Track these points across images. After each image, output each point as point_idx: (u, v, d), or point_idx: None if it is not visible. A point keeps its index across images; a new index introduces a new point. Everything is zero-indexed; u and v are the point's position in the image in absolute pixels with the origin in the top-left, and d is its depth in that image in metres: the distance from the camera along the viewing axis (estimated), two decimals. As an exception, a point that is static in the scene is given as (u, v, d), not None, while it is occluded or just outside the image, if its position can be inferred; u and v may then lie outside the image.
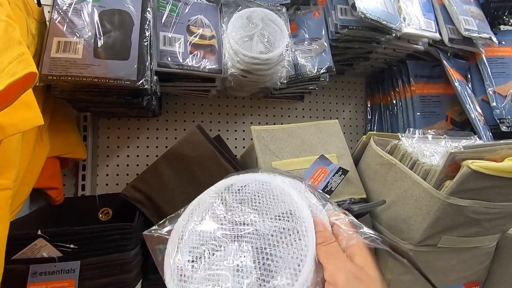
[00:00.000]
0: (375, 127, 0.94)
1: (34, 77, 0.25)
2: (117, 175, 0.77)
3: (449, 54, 0.81)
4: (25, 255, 0.40)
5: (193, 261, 0.25)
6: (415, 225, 0.54)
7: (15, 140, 0.37)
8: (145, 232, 0.29)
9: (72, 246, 0.42)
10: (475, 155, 0.46)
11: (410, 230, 0.54)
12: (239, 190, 0.28)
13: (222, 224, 0.26)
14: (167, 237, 0.28)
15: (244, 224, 0.26)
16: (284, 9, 0.70)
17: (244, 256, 0.24)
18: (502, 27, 0.88)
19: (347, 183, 0.63)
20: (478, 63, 0.80)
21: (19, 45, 0.25)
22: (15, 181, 0.38)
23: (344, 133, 0.97)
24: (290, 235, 0.25)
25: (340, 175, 0.60)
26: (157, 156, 0.79)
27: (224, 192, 0.29)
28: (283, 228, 0.25)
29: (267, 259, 0.24)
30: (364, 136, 0.68)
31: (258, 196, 0.28)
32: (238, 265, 0.24)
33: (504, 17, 0.88)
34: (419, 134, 0.61)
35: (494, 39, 0.78)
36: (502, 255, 0.60)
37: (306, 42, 0.72)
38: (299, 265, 0.23)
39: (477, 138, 0.66)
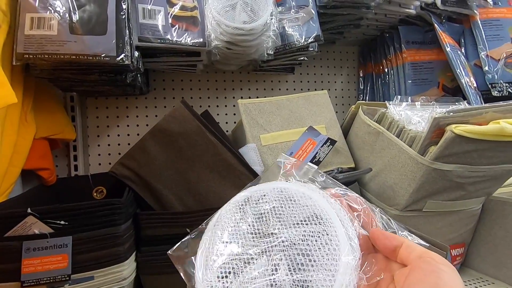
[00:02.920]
0: (367, 97, 0.93)
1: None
2: (109, 154, 0.77)
3: (442, 17, 0.78)
4: (17, 232, 0.42)
5: (223, 278, 0.24)
6: (400, 191, 0.54)
7: (-7, 121, 0.37)
8: (169, 252, 0.29)
9: (62, 222, 0.43)
10: (460, 119, 0.46)
11: (397, 196, 0.55)
12: (258, 200, 0.28)
13: (247, 238, 0.26)
14: (192, 256, 0.27)
15: (270, 235, 0.26)
16: (268, -25, 0.66)
17: (277, 268, 0.24)
18: (498, -14, 0.84)
19: (336, 153, 0.64)
20: (472, 26, 0.77)
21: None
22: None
23: (336, 104, 0.96)
24: (319, 237, 0.25)
25: (328, 146, 0.61)
26: (147, 134, 0.79)
27: (243, 205, 0.28)
28: (312, 232, 0.25)
29: (302, 264, 0.24)
30: (353, 106, 0.67)
31: (279, 203, 0.28)
32: (272, 279, 0.23)
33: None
34: (407, 101, 0.60)
35: (490, -1, 0.75)
36: (486, 217, 0.61)
37: (293, 10, 0.69)
38: (334, 269, 0.23)
39: (467, 104, 0.65)
